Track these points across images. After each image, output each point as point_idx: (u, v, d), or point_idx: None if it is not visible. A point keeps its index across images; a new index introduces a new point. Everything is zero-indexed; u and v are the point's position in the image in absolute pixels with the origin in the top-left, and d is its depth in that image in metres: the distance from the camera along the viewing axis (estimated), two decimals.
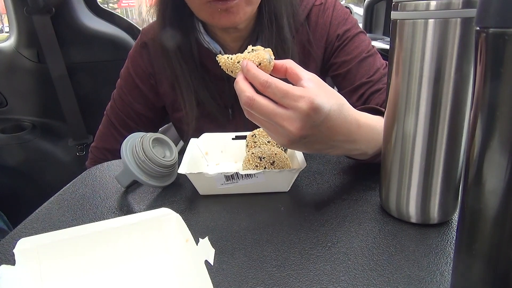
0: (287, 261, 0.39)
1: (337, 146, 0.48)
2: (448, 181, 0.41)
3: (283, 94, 0.42)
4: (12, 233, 0.46)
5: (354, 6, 3.02)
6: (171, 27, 0.72)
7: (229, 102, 0.77)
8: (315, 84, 0.43)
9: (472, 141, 0.25)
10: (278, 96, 0.42)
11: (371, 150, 0.53)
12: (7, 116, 1.50)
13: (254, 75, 0.43)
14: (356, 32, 0.76)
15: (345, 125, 0.46)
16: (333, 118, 0.44)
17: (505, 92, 0.22)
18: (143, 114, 0.82)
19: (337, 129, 0.45)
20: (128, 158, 0.52)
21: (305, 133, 0.43)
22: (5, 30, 5.91)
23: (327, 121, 0.44)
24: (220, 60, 0.47)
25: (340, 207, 0.49)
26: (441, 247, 0.40)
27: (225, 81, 0.75)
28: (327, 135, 0.45)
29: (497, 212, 0.24)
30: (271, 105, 0.43)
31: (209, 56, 0.74)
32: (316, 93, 0.42)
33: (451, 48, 0.37)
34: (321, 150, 0.49)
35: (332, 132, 0.45)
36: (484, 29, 0.23)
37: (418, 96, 0.39)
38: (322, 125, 0.44)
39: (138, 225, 0.37)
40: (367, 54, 0.74)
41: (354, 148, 0.51)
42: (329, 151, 0.50)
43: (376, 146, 0.53)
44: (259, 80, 0.42)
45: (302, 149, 0.49)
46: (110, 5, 9.04)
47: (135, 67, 0.80)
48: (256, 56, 0.44)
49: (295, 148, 0.47)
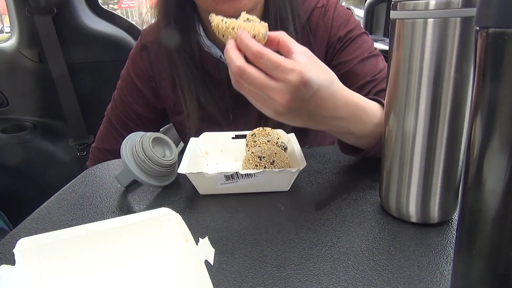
0: (287, 261, 0.39)
1: (323, 122, 0.49)
2: (448, 181, 0.41)
3: (275, 66, 0.42)
4: (12, 233, 0.46)
5: (354, 7, 3.02)
6: (172, 28, 0.71)
7: (230, 105, 0.77)
8: (307, 57, 0.44)
9: (472, 141, 0.25)
10: (270, 68, 0.42)
11: (359, 131, 0.53)
12: (8, 116, 1.50)
13: (247, 45, 0.43)
14: (358, 34, 0.75)
15: (333, 101, 0.47)
16: (322, 93, 0.45)
17: (505, 92, 0.22)
18: (143, 115, 0.82)
19: (324, 104, 0.46)
20: (128, 157, 0.52)
21: (293, 106, 0.44)
22: (5, 31, 5.93)
23: (316, 95, 0.44)
24: (213, 20, 0.46)
25: (340, 206, 0.49)
26: (441, 246, 0.40)
27: (225, 84, 0.75)
28: (315, 109, 0.46)
29: (497, 212, 0.24)
30: (262, 76, 0.43)
31: (209, 60, 0.74)
32: (307, 67, 0.43)
33: (450, 48, 0.37)
34: (307, 124, 0.49)
35: (319, 106, 0.46)
36: (484, 29, 0.23)
37: (417, 96, 0.39)
38: (311, 99, 0.44)
39: (138, 225, 0.37)
40: (369, 54, 0.73)
41: (341, 126, 0.52)
42: (316, 125, 0.50)
43: (365, 128, 0.53)
44: (252, 50, 0.42)
45: (289, 121, 0.49)
46: (110, 6, 9.05)
47: (135, 69, 0.80)
48: (252, 27, 0.44)
49: (282, 119, 0.48)
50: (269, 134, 0.60)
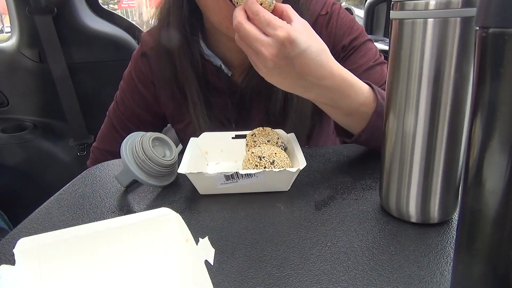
0: (287, 261, 0.39)
1: (309, 87, 0.53)
2: (448, 181, 0.41)
3: (267, 22, 0.48)
4: (12, 233, 0.46)
5: (355, 8, 3.02)
6: (175, 36, 0.70)
7: (232, 116, 0.76)
8: (301, 25, 0.49)
9: (472, 141, 0.25)
10: (263, 24, 0.48)
11: (345, 106, 0.56)
12: (8, 115, 1.50)
13: (249, 5, 0.49)
14: (362, 41, 0.73)
15: (319, 68, 0.51)
16: (308, 57, 0.49)
17: (505, 92, 0.22)
18: (145, 119, 0.82)
19: (309, 68, 0.50)
20: (128, 157, 0.52)
21: (279, 62, 0.49)
22: (5, 30, 5.93)
23: (301, 57, 0.48)
24: None
25: (340, 206, 0.49)
26: (441, 246, 0.40)
27: (226, 95, 0.74)
28: (300, 71, 0.50)
29: (497, 212, 0.24)
30: (254, 30, 0.49)
31: (210, 69, 0.73)
32: (296, 29, 0.48)
33: (450, 48, 0.36)
34: (294, 87, 0.54)
35: (304, 69, 0.50)
36: (484, 29, 0.23)
37: (417, 96, 0.39)
38: (295, 59, 0.49)
39: (138, 225, 0.37)
40: (374, 63, 0.72)
41: (326, 96, 0.55)
42: (303, 91, 0.54)
43: (351, 104, 0.56)
44: (252, 9, 0.49)
45: (277, 82, 0.53)
46: (110, 6, 9.05)
47: (138, 73, 0.79)
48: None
49: (271, 79, 0.52)
50: (269, 134, 0.60)
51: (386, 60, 0.73)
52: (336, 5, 0.75)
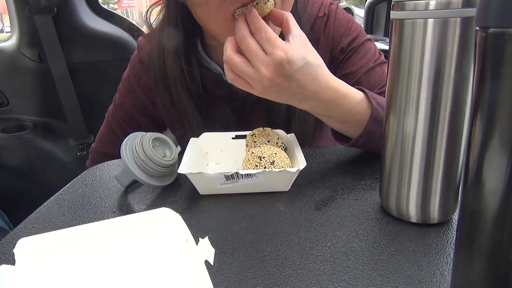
0: (287, 261, 0.39)
1: (304, 100, 0.54)
2: (448, 181, 0.41)
3: (267, 39, 0.48)
4: (12, 233, 0.46)
5: (355, 7, 3.02)
6: (173, 43, 0.69)
7: (232, 123, 0.75)
8: (299, 40, 0.50)
9: (472, 141, 0.25)
10: (263, 40, 0.49)
11: (339, 116, 0.58)
12: (8, 115, 1.50)
13: (252, 19, 0.50)
14: (361, 42, 0.72)
15: (315, 83, 0.51)
16: (304, 73, 0.50)
17: (505, 92, 0.22)
18: (144, 124, 0.81)
19: (305, 84, 0.51)
20: (128, 157, 0.52)
21: (277, 80, 0.49)
22: (5, 30, 5.93)
23: (298, 74, 0.49)
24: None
25: (340, 207, 0.49)
26: (441, 247, 0.40)
27: (226, 101, 0.74)
28: (297, 87, 0.51)
29: (497, 212, 0.24)
30: (256, 46, 0.49)
31: (209, 76, 0.72)
32: (294, 47, 0.49)
33: (450, 48, 0.36)
34: (291, 101, 0.54)
35: (301, 85, 0.51)
36: (484, 29, 0.23)
37: (417, 96, 0.39)
38: (292, 77, 0.50)
39: (138, 225, 0.37)
40: (374, 64, 0.71)
41: (321, 107, 0.56)
42: (298, 103, 0.55)
43: (346, 113, 0.57)
44: (255, 24, 0.49)
45: (274, 97, 0.54)
46: (110, 6, 9.05)
47: (137, 78, 0.78)
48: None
49: (268, 95, 0.53)
50: (269, 135, 0.60)
51: (386, 59, 0.72)
52: (333, 5, 0.74)
